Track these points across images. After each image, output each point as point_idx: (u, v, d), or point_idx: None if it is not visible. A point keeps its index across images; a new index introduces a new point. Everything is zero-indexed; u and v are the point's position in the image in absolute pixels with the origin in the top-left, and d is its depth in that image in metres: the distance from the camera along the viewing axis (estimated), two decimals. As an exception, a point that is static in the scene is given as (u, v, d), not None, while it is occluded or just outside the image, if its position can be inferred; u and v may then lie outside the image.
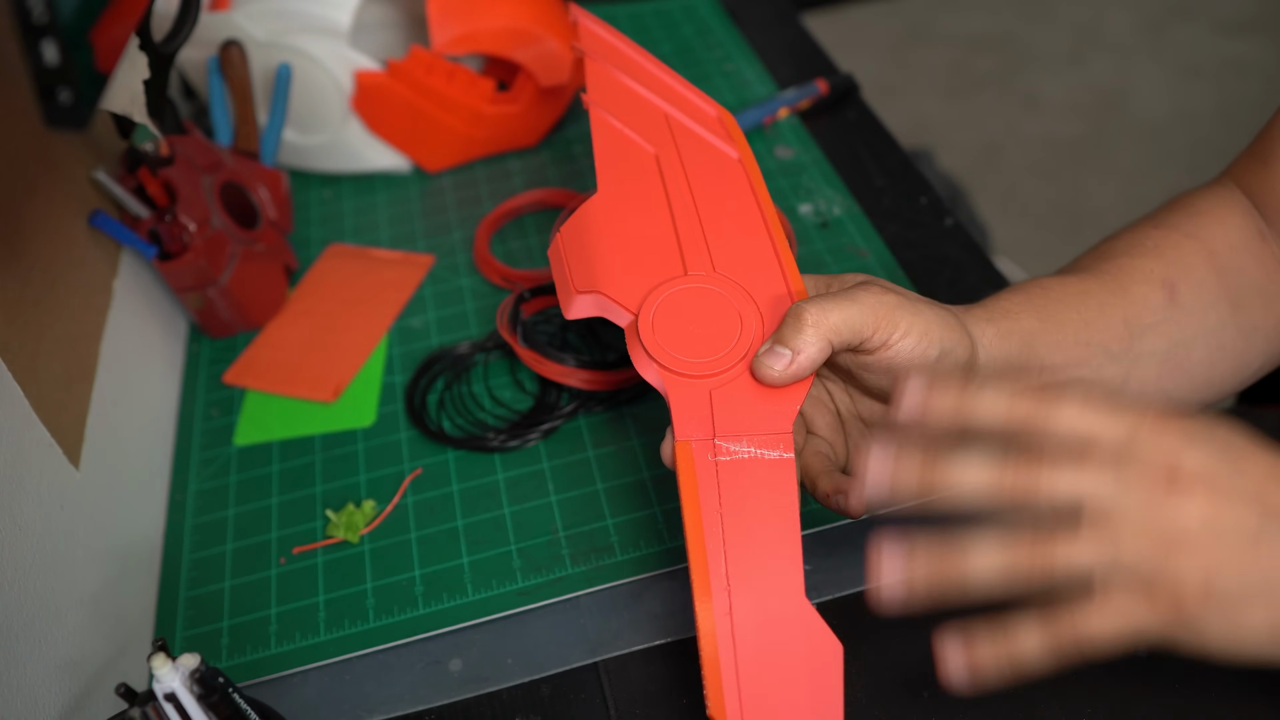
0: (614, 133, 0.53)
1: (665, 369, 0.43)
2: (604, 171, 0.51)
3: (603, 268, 0.47)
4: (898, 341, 0.41)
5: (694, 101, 0.55)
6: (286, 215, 0.71)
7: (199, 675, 0.39)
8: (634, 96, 0.55)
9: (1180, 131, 1.91)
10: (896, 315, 0.41)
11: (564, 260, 0.49)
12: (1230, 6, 2.17)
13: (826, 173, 0.73)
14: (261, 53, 0.72)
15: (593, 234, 0.49)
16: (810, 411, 0.47)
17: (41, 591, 0.45)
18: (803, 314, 0.41)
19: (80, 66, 0.36)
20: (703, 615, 0.39)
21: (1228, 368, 0.50)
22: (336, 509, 0.56)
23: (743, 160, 0.51)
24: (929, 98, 2.05)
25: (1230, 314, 0.49)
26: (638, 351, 0.44)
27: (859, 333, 0.41)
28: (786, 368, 0.41)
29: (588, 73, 0.56)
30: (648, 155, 0.52)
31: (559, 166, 0.78)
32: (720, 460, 0.41)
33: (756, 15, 0.92)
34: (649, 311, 0.45)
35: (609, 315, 0.46)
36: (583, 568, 0.52)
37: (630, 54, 0.57)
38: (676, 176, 0.51)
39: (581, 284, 0.47)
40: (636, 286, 0.46)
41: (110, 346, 0.58)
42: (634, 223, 0.49)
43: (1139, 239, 0.50)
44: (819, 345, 0.40)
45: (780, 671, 0.38)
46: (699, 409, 0.42)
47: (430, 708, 0.48)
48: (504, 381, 0.62)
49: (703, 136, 0.53)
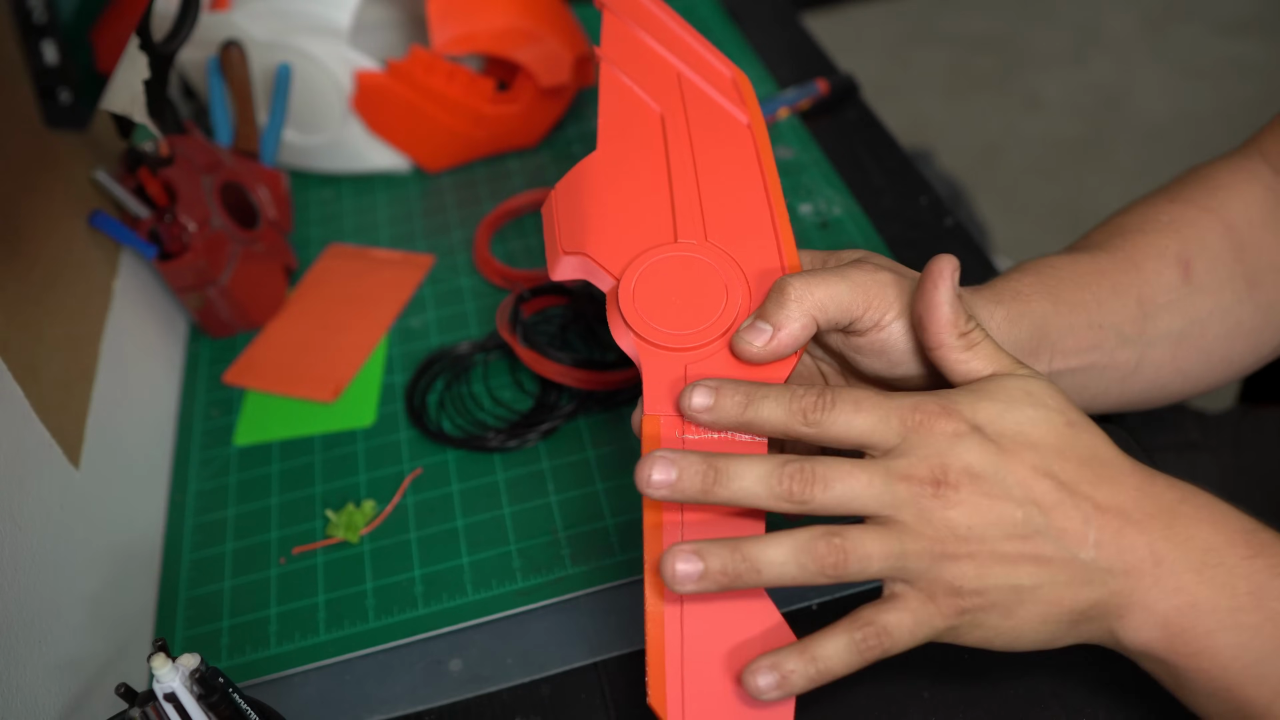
0: (622, 89, 0.51)
1: (641, 339, 0.42)
2: (606, 129, 0.49)
3: (592, 229, 0.45)
4: (891, 322, 0.39)
5: (710, 62, 0.53)
6: (286, 215, 0.71)
7: (199, 675, 0.39)
8: (648, 53, 0.53)
9: (1180, 131, 1.91)
10: (890, 294, 0.39)
11: (554, 219, 0.47)
12: (1230, 6, 2.17)
13: (826, 173, 0.73)
14: (261, 53, 0.72)
15: (586, 193, 0.47)
16: None
17: (41, 591, 0.45)
18: (786, 288, 0.39)
19: (80, 66, 0.36)
20: (651, 599, 0.37)
21: (1245, 345, 0.49)
22: (336, 509, 0.56)
23: (752, 125, 0.49)
24: (929, 98, 2.05)
25: (1247, 291, 0.47)
26: (615, 319, 0.43)
27: (847, 311, 0.39)
28: (766, 344, 0.39)
29: (605, 27, 0.54)
30: (653, 115, 0.50)
31: (559, 166, 0.78)
32: (688, 438, 0.39)
33: (756, 15, 0.92)
34: (631, 278, 0.43)
35: (593, 279, 0.45)
36: (583, 568, 0.52)
37: (650, 7, 0.55)
38: (680, 138, 0.49)
39: (568, 244, 0.45)
40: (623, 251, 0.44)
41: (110, 346, 0.58)
42: (629, 184, 0.47)
43: (1154, 214, 0.49)
44: (802, 322, 0.38)
45: (730, 666, 0.37)
46: (673, 383, 0.40)
47: (430, 708, 0.48)
48: (504, 381, 0.62)
49: (713, 98, 0.51)
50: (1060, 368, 0.45)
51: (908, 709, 0.44)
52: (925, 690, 0.44)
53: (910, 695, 0.44)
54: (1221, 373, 0.49)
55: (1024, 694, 0.44)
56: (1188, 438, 0.65)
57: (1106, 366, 0.46)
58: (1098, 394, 0.47)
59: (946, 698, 0.44)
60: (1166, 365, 0.47)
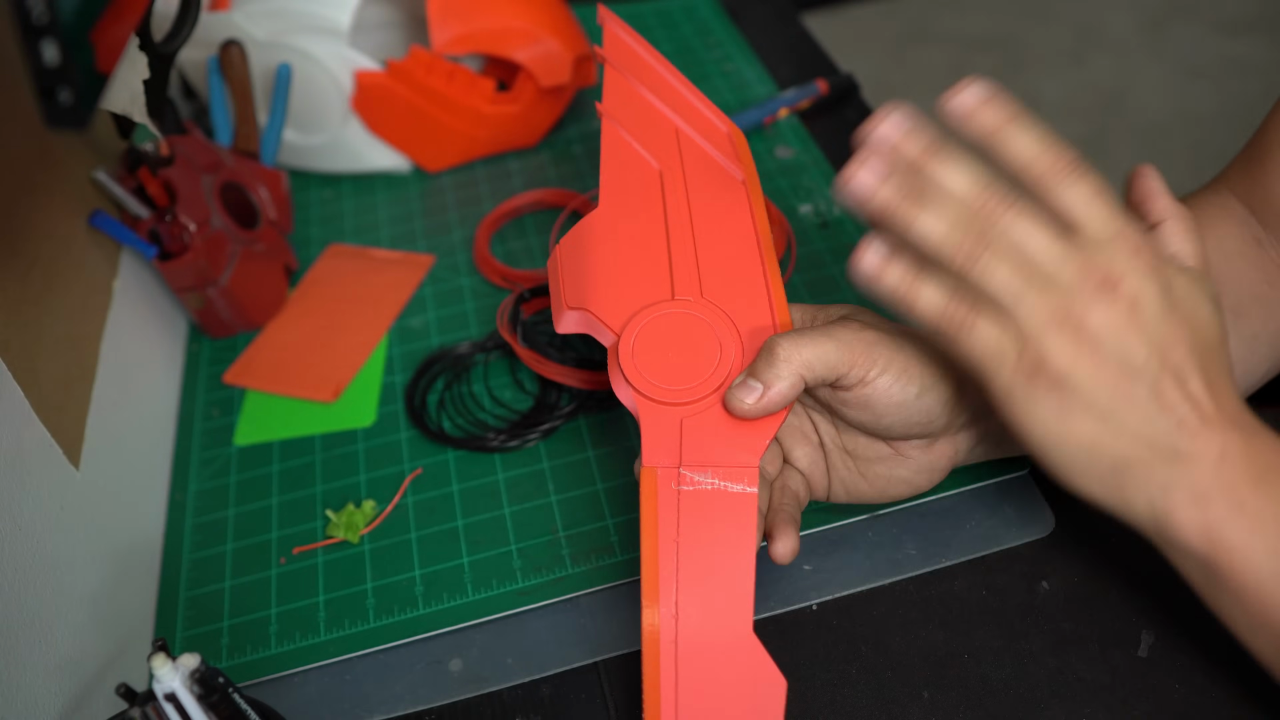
0: (622, 146, 0.53)
1: (640, 394, 0.44)
2: (608, 185, 0.51)
3: (593, 285, 0.47)
4: (875, 378, 0.41)
5: (707, 117, 0.55)
6: (286, 215, 0.71)
7: (199, 675, 0.39)
8: (647, 109, 0.55)
9: (1180, 131, 1.91)
10: (874, 352, 0.41)
11: (559, 273, 0.49)
12: (1230, 6, 2.17)
13: (826, 173, 0.73)
14: (261, 53, 0.72)
15: (589, 249, 0.49)
16: (789, 442, 0.47)
17: (41, 591, 0.45)
18: (775, 349, 0.41)
19: (80, 66, 0.36)
20: (648, 636, 0.39)
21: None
22: (336, 509, 0.56)
23: (746, 182, 0.51)
24: (929, 98, 2.04)
25: (1231, 322, 0.48)
26: (616, 374, 0.45)
27: (834, 369, 0.41)
28: (757, 401, 0.41)
29: (606, 83, 0.56)
30: (652, 171, 0.52)
31: (559, 166, 0.78)
32: (683, 489, 0.41)
33: (756, 15, 0.92)
34: (630, 335, 0.45)
35: (595, 333, 0.47)
36: (583, 568, 0.52)
37: (650, 63, 0.56)
38: (678, 195, 0.51)
39: (572, 300, 0.47)
40: (623, 307, 0.47)
41: (110, 346, 0.58)
42: (629, 241, 0.49)
43: None
44: (790, 381, 0.41)
45: (722, 702, 0.39)
46: (669, 436, 0.42)
47: (430, 708, 0.48)
48: (504, 381, 0.62)
49: (710, 154, 0.53)
50: None
51: (908, 710, 0.44)
52: (925, 691, 0.44)
53: (910, 696, 0.44)
54: None
55: (1024, 694, 0.44)
56: None
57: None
58: None
59: (947, 699, 0.44)
60: None
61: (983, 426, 0.45)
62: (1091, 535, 0.49)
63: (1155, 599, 0.46)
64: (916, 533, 0.50)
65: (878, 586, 0.49)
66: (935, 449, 0.45)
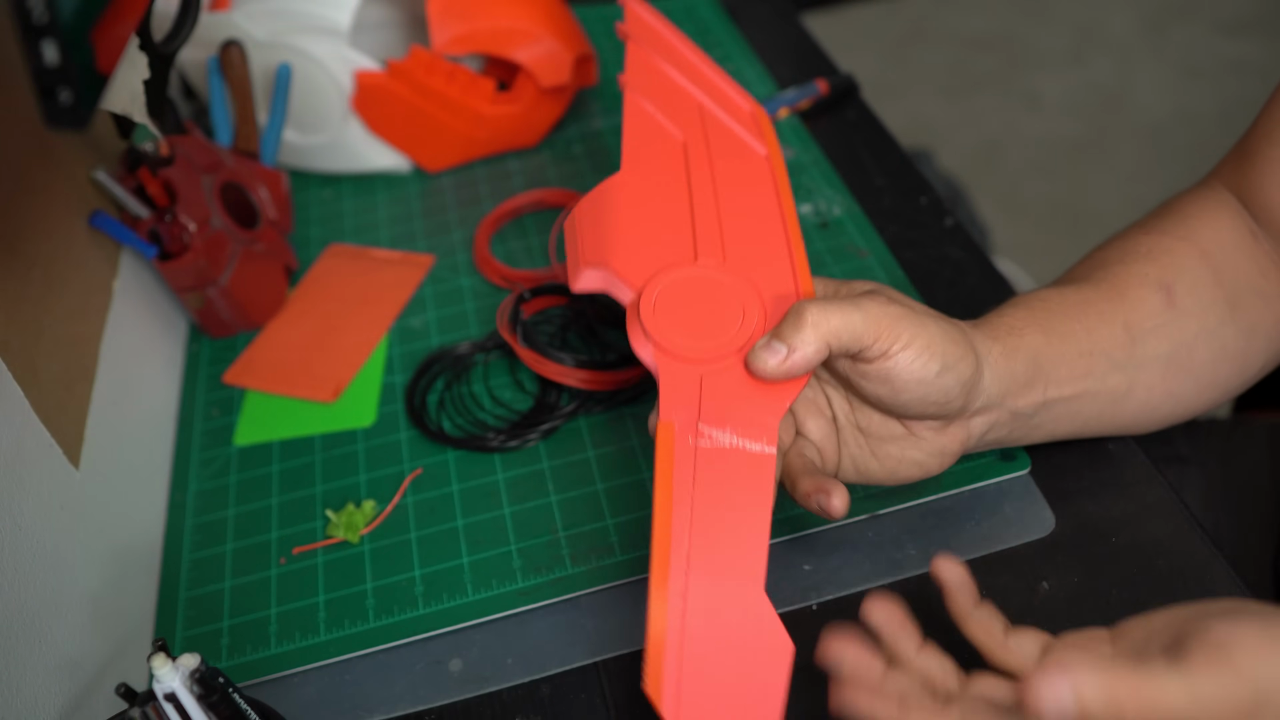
0: (645, 116, 0.53)
1: (660, 348, 0.43)
2: (630, 152, 0.51)
3: (614, 244, 0.47)
4: (898, 353, 0.41)
5: (730, 95, 0.54)
6: (286, 215, 0.71)
7: (199, 675, 0.39)
8: (670, 84, 0.54)
9: (1180, 131, 1.91)
10: (899, 326, 0.41)
11: (577, 233, 0.48)
12: (1230, 6, 2.17)
13: (826, 173, 0.73)
14: (261, 53, 0.72)
15: (609, 211, 0.48)
16: (802, 414, 0.47)
17: (41, 591, 0.45)
18: (804, 313, 0.41)
19: (80, 66, 0.36)
20: (655, 592, 0.38)
21: (1231, 368, 0.50)
22: (336, 509, 0.56)
23: (770, 158, 0.51)
24: (929, 98, 2.05)
25: (1229, 314, 0.49)
26: (635, 329, 0.44)
27: (859, 339, 0.41)
28: (781, 363, 0.41)
29: (628, 56, 0.55)
30: (675, 142, 0.52)
31: (559, 166, 0.78)
32: (701, 445, 0.40)
33: (756, 15, 0.92)
34: (652, 292, 0.45)
35: (613, 291, 0.46)
36: (583, 568, 0.52)
37: (673, 41, 0.56)
38: (701, 166, 0.50)
39: (591, 258, 0.46)
40: (644, 267, 0.46)
41: (110, 346, 0.58)
42: (652, 205, 0.49)
43: (1131, 245, 0.51)
44: (816, 345, 0.41)
45: (725, 660, 0.38)
46: (688, 392, 0.42)
47: (430, 708, 0.48)
48: (504, 381, 0.62)
49: (734, 130, 0.52)
50: (1055, 396, 0.46)
51: (908, 709, 0.44)
52: (925, 690, 0.44)
53: (910, 695, 0.44)
54: (1210, 395, 0.50)
55: (1024, 694, 0.44)
56: (1176, 452, 0.65)
57: (1099, 393, 0.47)
58: (1091, 419, 0.49)
59: (946, 698, 0.44)
60: (1157, 388, 0.49)
61: (995, 414, 0.45)
62: (1091, 535, 0.49)
63: (1155, 599, 0.46)
64: (916, 533, 0.50)
65: (878, 586, 0.49)
66: (948, 432, 0.45)
